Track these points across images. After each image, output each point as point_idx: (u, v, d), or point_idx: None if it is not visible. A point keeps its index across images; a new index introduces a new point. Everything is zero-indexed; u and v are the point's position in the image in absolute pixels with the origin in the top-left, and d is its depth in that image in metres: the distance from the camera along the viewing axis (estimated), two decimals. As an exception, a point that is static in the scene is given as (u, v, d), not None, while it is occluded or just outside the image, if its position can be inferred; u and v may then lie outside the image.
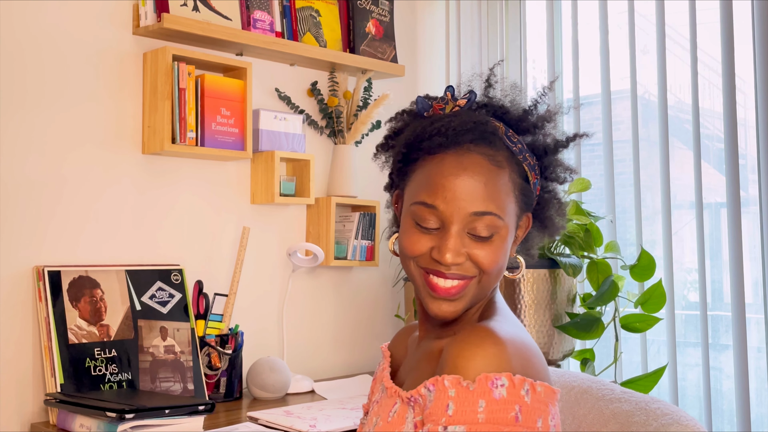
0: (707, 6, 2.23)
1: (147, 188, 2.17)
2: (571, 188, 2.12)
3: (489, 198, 1.00)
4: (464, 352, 0.94)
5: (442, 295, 1.02)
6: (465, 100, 1.09)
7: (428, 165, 1.04)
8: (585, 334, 2.05)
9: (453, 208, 1.00)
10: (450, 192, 1.00)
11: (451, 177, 1.01)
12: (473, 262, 1.01)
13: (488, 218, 1.00)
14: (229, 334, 2.18)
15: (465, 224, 1.01)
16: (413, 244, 1.03)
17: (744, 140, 2.19)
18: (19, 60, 1.96)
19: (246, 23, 2.27)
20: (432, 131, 1.04)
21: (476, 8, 2.74)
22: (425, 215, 1.02)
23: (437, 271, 1.02)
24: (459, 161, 1.01)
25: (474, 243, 1.01)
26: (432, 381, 0.96)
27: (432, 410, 0.94)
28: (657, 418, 1.27)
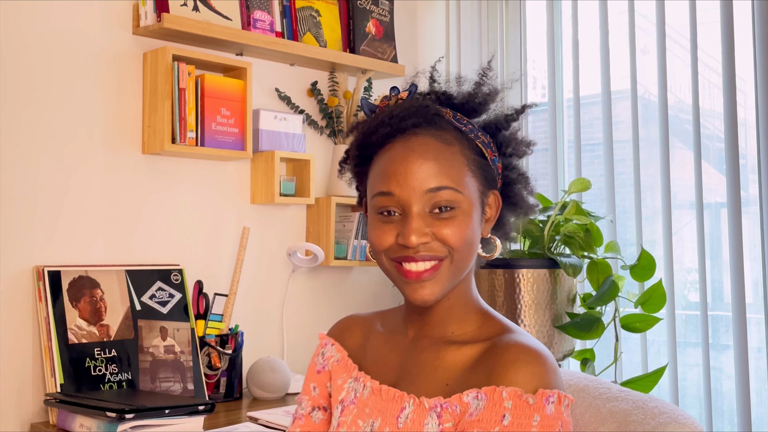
0: (707, 6, 2.23)
1: (147, 188, 2.17)
2: (571, 188, 2.12)
3: (441, 173, 1.01)
4: (521, 366, 0.97)
5: (415, 278, 1.02)
6: (407, 92, 1.10)
7: (381, 157, 1.05)
8: (585, 334, 2.05)
9: (408, 190, 1.01)
10: (402, 175, 1.01)
11: (400, 160, 1.02)
12: (440, 240, 1.01)
13: (445, 192, 1.01)
14: (229, 334, 2.18)
15: (424, 203, 1.01)
16: (379, 237, 1.03)
17: (744, 140, 2.19)
18: (19, 60, 1.96)
19: (246, 23, 2.27)
20: (377, 124, 1.06)
21: (476, 8, 2.74)
22: (384, 203, 1.03)
23: (406, 257, 1.02)
24: (406, 145, 1.03)
25: (437, 222, 1.01)
26: (485, 390, 0.97)
27: (482, 417, 0.96)
28: (655, 416, 1.27)
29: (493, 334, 1.06)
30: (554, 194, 2.53)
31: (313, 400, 1.19)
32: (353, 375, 1.13)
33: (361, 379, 1.11)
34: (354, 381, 1.12)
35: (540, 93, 2.76)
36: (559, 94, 2.60)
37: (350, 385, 1.12)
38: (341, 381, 1.14)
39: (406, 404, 1.03)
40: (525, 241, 2.20)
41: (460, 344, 1.07)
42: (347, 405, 1.11)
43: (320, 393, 1.19)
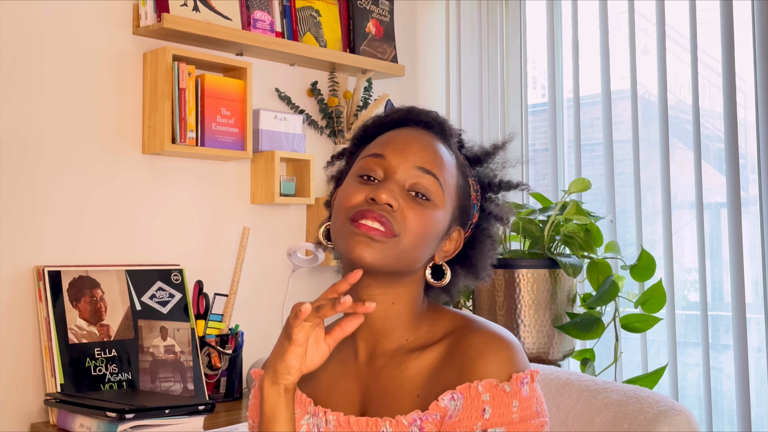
0: (707, 6, 2.23)
1: (147, 188, 2.17)
2: (571, 188, 2.12)
3: (436, 163, 1.03)
4: (490, 356, 0.97)
5: (364, 231, 0.97)
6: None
7: (382, 135, 1.07)
8: (585, 334, 2.05)
9: (400, 159, 1.01)
10: (401, 144, 1.03)
11: (405, 137, 1.04)
12: (401, 217, 0.98)
13: (429, 179, 1.01)
14: (229, 334, 2.18)
15: (407, 178, 1.01)
16: (351, 194, 1.00)
17: (744, 140, 2.19)
18: (19, 60, 1.96)
19: (246, 23, 2.27)
20: (393, 114, 1.08)
21: (476, 8, 2.74)
22: (371, 165, 1.02)
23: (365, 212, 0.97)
24: (415, 129, 1.06)
25: (409, 201, 1.00)
26: (460, 390, 0.96)
27: (463, 417, 0.95)
28: (651, 405, 1.29)
29: (450, 330, 1.05)
30: (554, 194, 2.53)
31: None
32: (309, 410, 1.06)
33: (320, 413, 1.05)
34: (312, 417, 1.05)
35: (540, 93, 2.76)
36: (559, 94, 2.60)
37: (309, 422, 1.05)
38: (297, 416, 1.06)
39: (383, 428, 0.99)
40: (525, 241, 2.20)
41: (420, 350, 1.04)
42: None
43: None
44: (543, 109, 2.69)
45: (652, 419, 1.26)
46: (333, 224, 1.04)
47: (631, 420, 1.30)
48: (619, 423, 1.30)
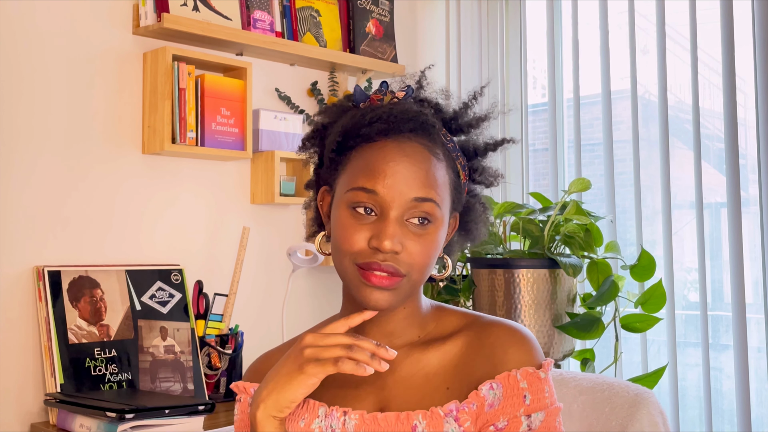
0: (707, 6, 2.23)
1: (147, 188, 2.17)
2: (571, 188, 2.12)
3: (430, 185, 0.99)
4: (525, 345, 1.03)
5: (376, 283, 0.97)
6: (403, 92, 1.07)
7: (367, 152, 1.00)
8: (585, 334, 2.05)
9: (394, 193, 0.97)
10: (391, 177, 0.97)
11: (392, 162, 0.98)
12: (407, 254, 0.98)
13: (428, 205, 0.98)
14: (229, 334, 2.18)
15: (404, 210, 0.98)
16: (351, 237, 0.98)
17: (744, 140, 2.19)
18: (19, 60, 1.96)
19: (246, 23, 2.27)
20: (372, 118, 1.01)
21: (476, 8, 2.74)
22: (363, 200, 0.98)
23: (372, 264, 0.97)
24: (400, 148, 0.99)
25: (410, 234, 0.98)
26: (499, 379, 1.00)
27: (504, 405, 0.99)
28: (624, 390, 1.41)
29: (461, 325, 1.07)
30: (554, 194, 2.53)
31: None
32: (320, 413, 1.04)
33: (336, 414, 1.03)
34: (325, 418, 1.03)
35: (540, 93, 2.76)
36: (559, 94, 2.60)
37: (320, 425, 1.03)
38: (304, 423, 1.04)
39: (416, 421, 0.99)
40: (525, 241, 2.20)
41: (436, 345, 1.05)
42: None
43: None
44: (543, 109, 2.69)
45: (631, 403, 1.37)
46: (336, 258, 1.02)
47: (612, 405, 1.40)
48: (599, 407, 1.41)
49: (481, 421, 0.99)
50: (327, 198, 1.08)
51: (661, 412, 1.39)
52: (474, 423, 0.99)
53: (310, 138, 1.12)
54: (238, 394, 1.12)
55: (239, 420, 1.11)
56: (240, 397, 1.11)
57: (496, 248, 2.22)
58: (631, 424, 1.36)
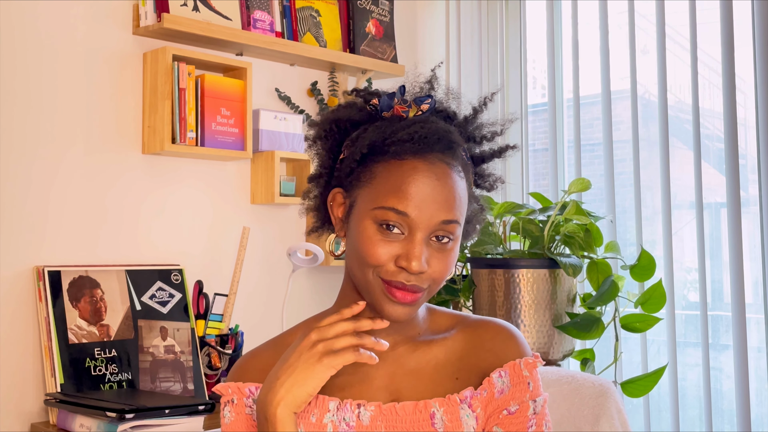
0: (707, 6, 2.23)
1: (147, 188, 2.17)
2: (571, 188, 2.12)
3: (457, 207, 1.02)
4: (518, 339, 1.12)
5: (400, 299, 1.01)
6: (428, 105, 1.07)
7: (396, 169, 1.01)
8: (585, 334, 2.05)
9: (425, 216, 0.99)
10: (423, 200, 1.00)
11: (424, 186, 1.00)
12: (430, 272, 1.01)
13: (452, 226, 1.02)
14: (229, 334, 2.18)
15: (431, 232, 1.01)
16: (377, 252, 1.00)
17: (744, 140, 2.19)
18: (19, 60, 1.96)
19: (246, 23, 2.27)
20: (403, 136, 1.02)
21: (476, 8, 2.74)
22: (392, 219, 1.00)
23: (397, 283, 1.00)
24: (432, 170, 1.01)
25: (433, 252, 1.01)
26: (506, 368, 1.08)
27: (513, 392, 1.08)
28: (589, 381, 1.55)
29: (454, 323, 1.14)
30: (554, 194, 2.53)
31: None
32: (331, 407, 1.05)
33: (349, 407, 1.05)
34: (337, 411, 1.05)
35: (540, 93, 2.76)
36: (559, 94, 2.60)
37: (333, 419, 1.05)
38: (315, 418, 1.05)
39: (433, 409, 1.05)
40: (525, 241, 2.20)
41: (439, 340, 1.12)
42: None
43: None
44: (543, 109, 2.69)
45: (599, 393, 1.52)
46: (356, 267, 1.04)
47: (580, 396, 1.55)
48: (568, 398, 1.54)
49: (492, 406, 1.07)
50: (341, 201, 1.08)
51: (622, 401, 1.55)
52: (484, 409, 1.06)
53: (324, 136, 1.11)
54: (228, 396, 1.09)
55: (235, 421, 1.08)
56: (232, 398, 1.08)
57: (496, 248, 2.22)
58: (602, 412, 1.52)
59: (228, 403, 1.09)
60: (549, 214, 2.15)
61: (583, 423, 1.53)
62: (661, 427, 2.29)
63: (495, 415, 1.06)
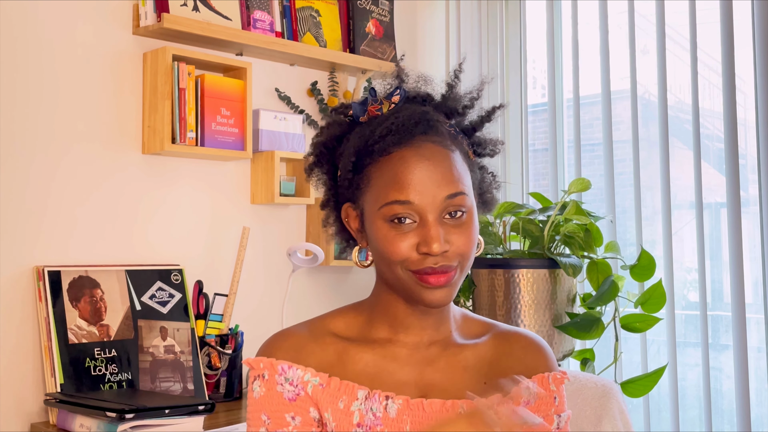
0: (707, 6, 2.23)
1: (147, 188, 2.17)
2: (571, 188, 2.12)
3: (455, 180, 1.03)
4: (548, 353, 1.14)
5: (435, 284, 1.02)
6: (398, 96, 1.10)
7: (387, 165, 1.04)
8: (585, 334, 2.05)
9: (428, 198, 1.01)
10: (420, 184, 1.02)
11: (417, 170, 1.02)
12: (455, 249, 1.03)
13: (459, 198, 1.03)
14: (229, 334, 2.18)
15: (441, 211, 1.02)
16: (396, 247, 1.02)
17: (744, 140, 2.19)
18: (19, 60, 1.96)
19: (246, 23, 2.27)
20: (382, 132, 1.04)
21: (476, 8, 2.74)
22: (400, 211, 1.02)
23: (426, 269, 1.02)
24: (419, 153, 1.03)
25: (451, 228, 1.03)
26: (534, 380, 1.10)
27: (539, 404, 1.10)
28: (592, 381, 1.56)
29: (484, 330, 1.16)
30: (554, 194, 2.53)
31: (298, 428, 1.06)
32: (359, 395, 1.07)
33: (377, 397, 1.07)
34: (365, 401, 1.07)
35: (540, 93, 2.76)
36: (559, 94, 2.60)
37: (360, 407, 1.06)
38: (343, 404, 1.07)
39: (461, 410, 1.05)
40: (525, 241, 2.20)
41: (470, 343, 1.13)
42: (371, 427, 1.06)
43: (303, 421, 1.06)
44: (543, 109, 2.69)
45: (601, 394, 1.54)
46: (385, 268, 1.06)
47: (582, 396, 1.55)
48: (571, 398, 1.54)
49: None
50: (353, 214, 1.11)
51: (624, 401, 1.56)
52: None
53: (317, 162, 1.15)
54: (259, 370, 1.09)
55: (266, 396, 1.07)
56: (263, 372, 1.08)
57: (496, 248, 2.22)
58: (605, 412, 1.53)
59: (258, 377, 1.09)
60: (549, 214, 2.15)
61: (585, 423, 1.53)
62: (661, 427, 2.29)
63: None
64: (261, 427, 1.06)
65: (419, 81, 1.15)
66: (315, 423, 1.07)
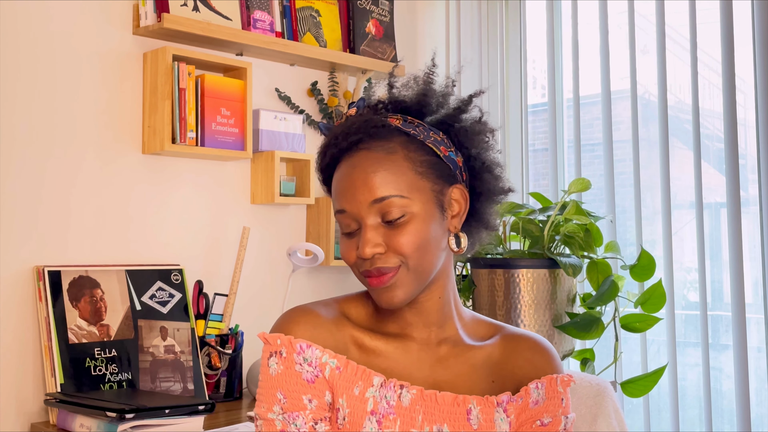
0: (707, 6, 2.23)
1: (147, 188, 2.17)
2: (571, 188, 2.12)
3: (385, 183, 1.04)
4: (555, 356, 1.16)
5: (377, 285, 1.06)
6: (354, 108, 1.14)
7: (334, 178, 1.10)
8: (585, 334, 2.05)
9: (356, 205, 1.05)
10: (349, 191, 1.06)
11: (345, 178, 1.07)
12: (393, 250, 1.04)
13: (392, 201, 1.04)
14: (229, 334, 2.18)
15: (374, 215, 1.05)
16: (346, 252, 1.09)
17: (744, 140, 2.19)
18: (19, 60, 1.96)
19: (246, 23, 2.27)
20: (326, 146, 1.11)
21: (476, 8, 2.74)
22: (342, 221, 1.08)
23: (367, 272, 1.06)
24: (350, 162, 1.07)
25: (390, 230, 1.05)
26: (543, 380, 1.12)
27: (548, 405, 1.11)
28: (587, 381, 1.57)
29: (493, 331, 1.18)
30: (554, 194, 2.53)
31: (314, 413, 1.05)
32: (375, 382, 1.07)
33: (393, 386, 1.07)
34: (380, 388, 1.07)
35: (540, 93, 2.76)
36: (559, 94, 2.60)
37: (375, 394, 1.07)
38: (358, 390, 1.07)
39: (471, 405, 1.09)
40: (525, 241, 2.20)
41: (479, 342, 1.15)
42: (384, 415, 1.06)
43: (318, 405, 1.06)
44: (543, 109, 2.69)
45: (596, 393, 1.56)
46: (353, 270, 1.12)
47: (578, 395, 1.57)
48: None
49: (525, 415, 1.10)
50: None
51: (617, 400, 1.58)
52: (517, 416, 1.10)
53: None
54: (276, 347, 1.07)
55: (283, 374, 1.06)
56: (281, 349, 1.06)
57: (496, 248, 2.22)
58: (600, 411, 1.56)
59: (275, 354, 1.07)
60: (549, 214, 2.15)
61: (580, 422, 1.55)
62: (660, 427, 2.29)
63: (528, 424, 1.10)
64: (275, 405, 1.05)
65: (407, 85, 1.16)
66: (328, 408, 1.07)
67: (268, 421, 1.05)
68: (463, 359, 1.13)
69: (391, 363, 1.11)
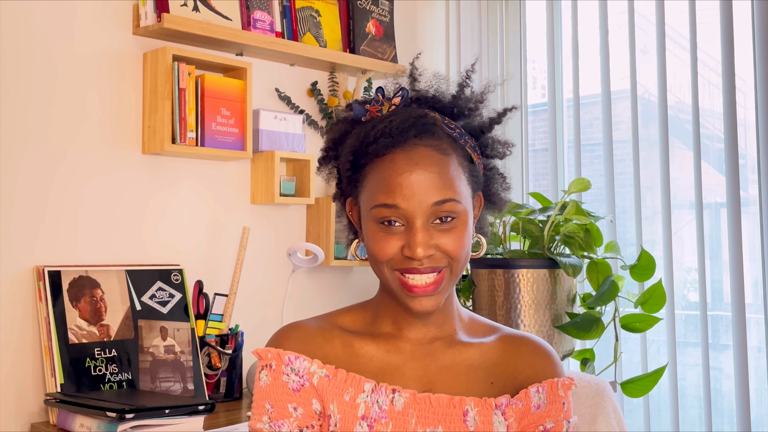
0: (707, 6, 2.23)
1: (147, 188, 2.17)
2: (571, 188, 2.12)
3: (445, 186, 1.03)
4: (556, 359, 1.14)
5: (421, 293, 1.04)
6: (399, 97, 1.10)
7: (379, 167, 1.05)
8: (585, 334, 2.05)
9: (414, 204, 1.02)
10: (407, 189, 1.02)
11: (405, 174, 1.03)
12: (442, 251, 1.03)
13: (448, 205, 1.03)
14: (229, 334, 2.18)
15: (427, 216, 1.03)
16: (382, 247, 1.04)
17: (744, 140, 2.19)
18: (19, 60, 1.96)
19: (246, 23, 2.27)
20: (376, 134, 1.05)
21: (476, 8, 2.74)
22: (387, 215, 1.03)
23: (411, 269, 1.03)
24: (409, 157, 1.04)
25: (439, 233, 1.03)
26: (544, 384, 1.10)
27: (549, 409, 1.10)
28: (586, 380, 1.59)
29: (490, 330, 1.16)
30: (554, 194, 2.53)
31: (299, 421, 1.07)
32: (366, 388, 1.08)
33: (384, 390, 1.08)
34: (372, 393, 1.08)
35: (540, 93, 2.76)
36: (559, 94, 2.61)
37: (366, 399, 1.07)
38: (349, 396, 1.07)
39: (467, 407, 1.07)
40: (525, 241, 2.20)
41: (476, 342, 1.14)
42: (376, 419, 1.07)
43: (305, 413, 1.08)
44: (543, 109, 2.69)
45: (595, 393, 1.56)
46: (375, 267, 1.07)
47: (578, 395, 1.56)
48: None
49: (527, 420, 1.08)
50: (355, 209, 1.13)
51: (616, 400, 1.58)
52: (517, 420, 1.08)
53: (324, 158, 1.17)
54: (267, 360, 1.10)
55: (271, 386, 1.09)
56: (271, 363, 1.10)
57: (496, 248, 2.22)
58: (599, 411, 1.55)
59: (266, 367, 1.10)
60: (549, 214, 2.15)
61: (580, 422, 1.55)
62: (660, 427, 2.29)
63: (530, 429, 1.09)
64: (264, 415, 1.08)
65: (433, 81, 1.15)
66: (316, 416, 1.08)
67: (257, 431, 1.08)
68: (459, 358, 1.11)
69: (383, 366, 1.11)
